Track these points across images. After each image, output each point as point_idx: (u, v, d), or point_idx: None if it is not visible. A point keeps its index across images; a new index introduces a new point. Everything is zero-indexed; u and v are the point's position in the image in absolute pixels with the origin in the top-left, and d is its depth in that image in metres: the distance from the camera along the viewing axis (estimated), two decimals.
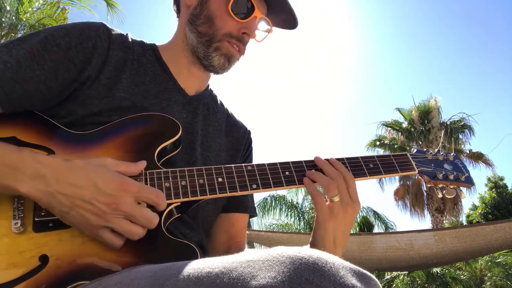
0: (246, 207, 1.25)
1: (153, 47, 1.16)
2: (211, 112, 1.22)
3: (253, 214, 1.28)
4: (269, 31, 1.16)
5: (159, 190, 0.85)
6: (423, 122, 16.89)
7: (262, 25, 1.15)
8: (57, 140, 0.93)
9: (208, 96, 1.24)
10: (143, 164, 0.89)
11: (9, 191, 0.79)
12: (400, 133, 17.26)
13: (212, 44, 1.08)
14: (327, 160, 1.03)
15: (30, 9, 8.08)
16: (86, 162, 0.82)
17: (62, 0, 8.38)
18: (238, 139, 1.28)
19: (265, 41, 1.17)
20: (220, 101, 1.30)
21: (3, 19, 7.76)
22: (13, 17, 7.87)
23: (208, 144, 1.17)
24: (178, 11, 1.19)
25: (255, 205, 1.33)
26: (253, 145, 1.34)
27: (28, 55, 0.92)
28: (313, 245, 0.98)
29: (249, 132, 1.33)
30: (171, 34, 1.20)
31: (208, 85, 1.25)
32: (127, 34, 1.12)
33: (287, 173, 1.00)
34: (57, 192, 0.77)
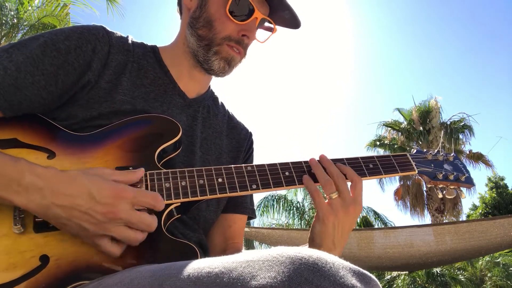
0: (244, 208, 1.24)
1: (154, 49, 1.15)
2: (211, 114, 1.22)
3: (251, 215, 1.27)
4: (272, 31, 1.15)
5: (156, 192, 0.85)
6: (423, 122, 16.87)
7: (265, 26, 1.13)
8: (58, 141, 0.93)
9: (209, 98, 1.23)
10: (141, 172, 0.88)
11: (5, 202, 0.79)
12: (400, 133, 17.24)
13: (212, 48, 1.07)
14: (334, 161, 1.02)
15: (30, 8, 8.06)
16: (81, 172, 0.81)
17: None
18: (239, 141, 1.28)
19: (268, 41, 1.15)
20: (221, 102, 1.30)
21: (3, 19, 7.75)
22: (14, 17, 7.87)
23: (207, 147, 1.16)
24: (181, 13, 1.19)
25: (255, 206, 1.32)
26: (254, 146, 1.33)
27: (28, 60, 0.92)
28: (312, 240, 0.98)
29: (250, 134, 1.32)
30: (172, 30, 1.19)
31: (209, 87, 1.24)
32: (127, 37, 1.12)
33: (286, 173, 1.00)
34: (52, 204, 0.77)
